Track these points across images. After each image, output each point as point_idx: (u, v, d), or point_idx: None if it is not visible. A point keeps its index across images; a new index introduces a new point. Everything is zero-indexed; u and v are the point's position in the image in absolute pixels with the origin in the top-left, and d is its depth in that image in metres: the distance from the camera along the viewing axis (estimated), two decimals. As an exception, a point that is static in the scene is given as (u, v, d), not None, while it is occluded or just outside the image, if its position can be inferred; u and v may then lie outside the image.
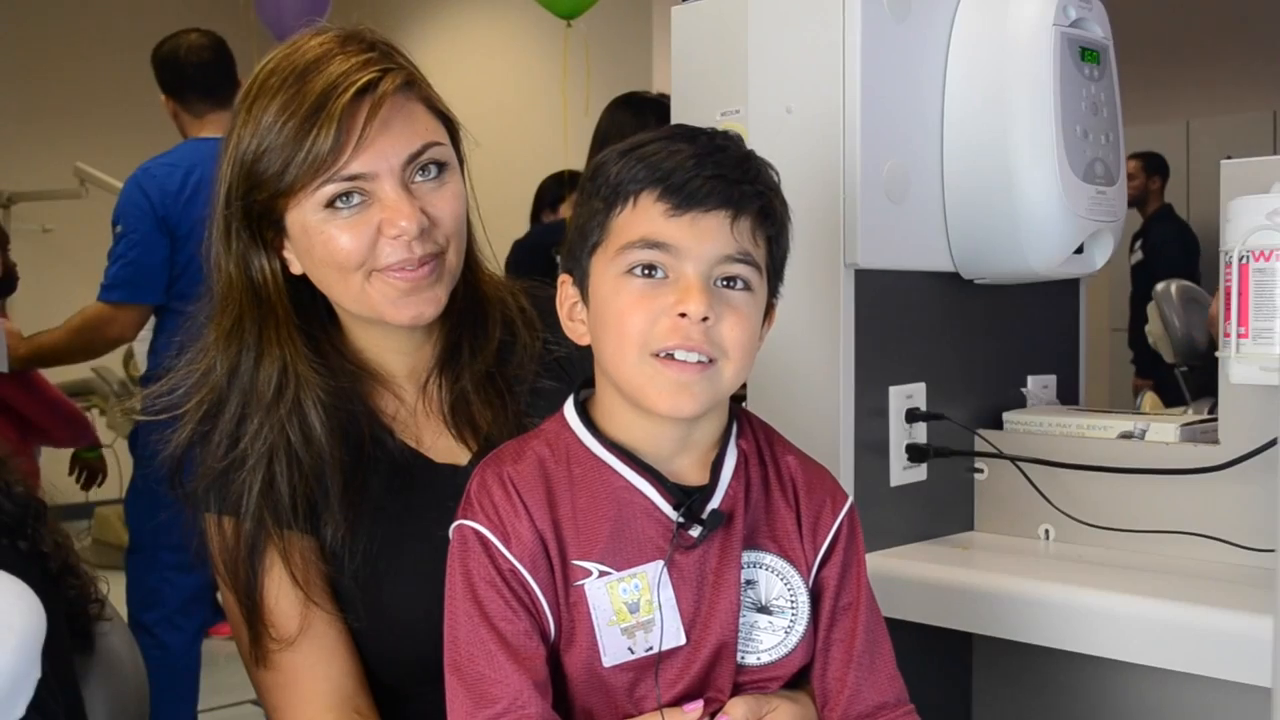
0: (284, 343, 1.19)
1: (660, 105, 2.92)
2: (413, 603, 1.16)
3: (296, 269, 1.20)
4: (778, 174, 1.06)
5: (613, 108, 2.93)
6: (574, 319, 1.08)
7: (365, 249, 1.15)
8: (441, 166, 1.19)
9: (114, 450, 5.64)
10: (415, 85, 1.19)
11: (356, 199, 1.15)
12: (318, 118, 1.12)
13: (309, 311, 1.23)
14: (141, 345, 3.50)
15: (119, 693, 1.62)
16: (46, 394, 3.37)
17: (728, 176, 1.00)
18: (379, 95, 1.14)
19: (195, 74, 3.04)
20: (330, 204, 1.15)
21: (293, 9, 4.34)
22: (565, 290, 1.08)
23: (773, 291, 1.08)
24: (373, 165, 1.14)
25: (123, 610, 2.28)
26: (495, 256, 1.35)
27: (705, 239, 0.99)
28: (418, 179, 1.17)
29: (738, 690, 1.05)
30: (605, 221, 1.02)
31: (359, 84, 1.13)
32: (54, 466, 3.72)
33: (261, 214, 1.18)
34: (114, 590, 1.67)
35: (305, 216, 1.16)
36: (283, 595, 1.18)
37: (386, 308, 1.18)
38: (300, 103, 1.13)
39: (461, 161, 1.24)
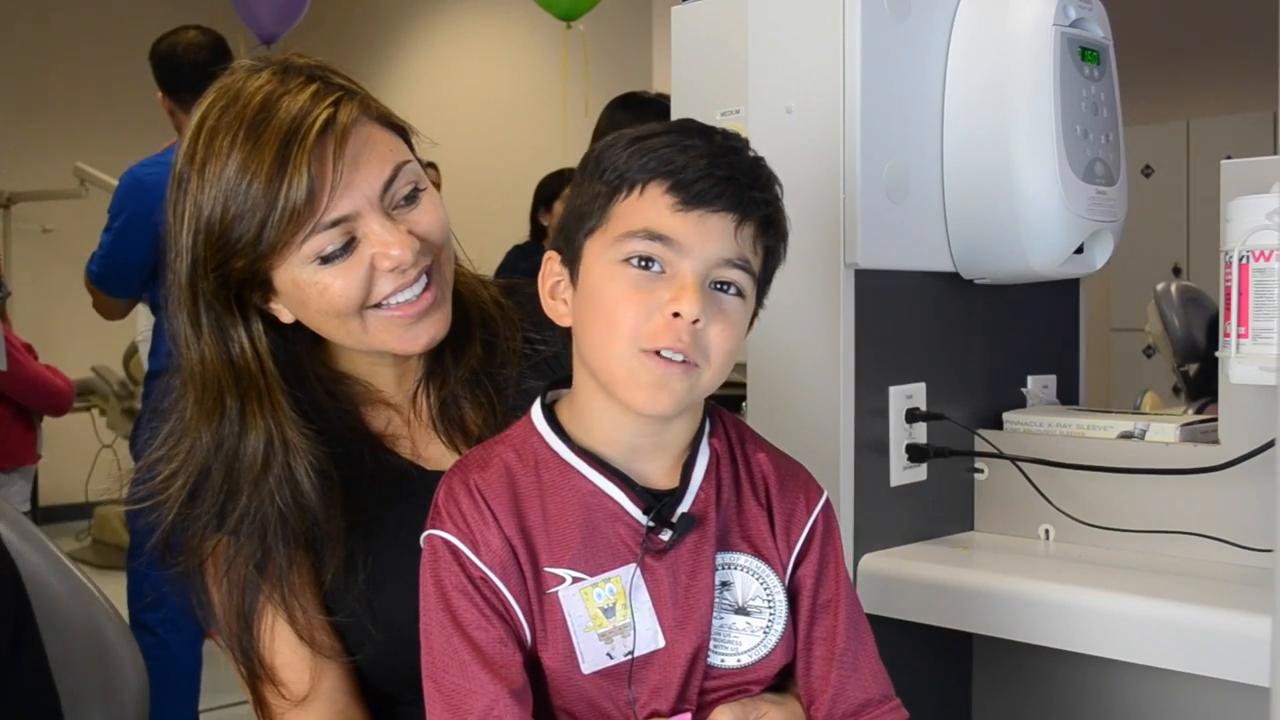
0: (268, 412, 1.15)
1: (660, 105, 2.92)
2: (407, 611, 1.16)
3: (287, 318, 1.17)
4: (781, 187, 1.05)
5: (612, 107, 2.93)
6: (556, 297, 1.06)
7: (361, 289, 1.13)
8: (415, 183, 1.16)
9: (114, 450, 5.65)
10: (369, 107, 1.15)
11: (345, 245, 1.11)
12: (285, 170, 1.07)
13: (294, 350, 1.19)
14: (144, 345, 3.52)
15: (119, 693, 1.62)
16: (24, 372, 3.42)
17: (739, 180, 0.99)
18: (340, 130, 1.09)
19: (191, 73, 3.03)
20: (323, 259, 1.11)
21: (268, 8, 4.32)
22: (551, 267, 1.06)
23: (758, 300, 1.07)
24: (352, 205, 1.11)
25: (123, 610, 2.28)
26: (472, 255, 1.33)
27: (709, 239, 0.98)
28: (396, 203, 1.14)
29: (719, 694, 1.04)
30: (607, 206, 1.01)
31: (318, 124, 1.08)
32: (57, 470, 3.75)
33: (243, 280, 1.13)
34: (115, 590, 1.67)
35: (294, 272, 1.12)
36: (289, 653, 1.17)
37: (395, 342, 1.16)
38: (261, 157, 1.07)
39: (421, 163, 1.21)
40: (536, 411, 1.07)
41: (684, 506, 1.03)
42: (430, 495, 1.07)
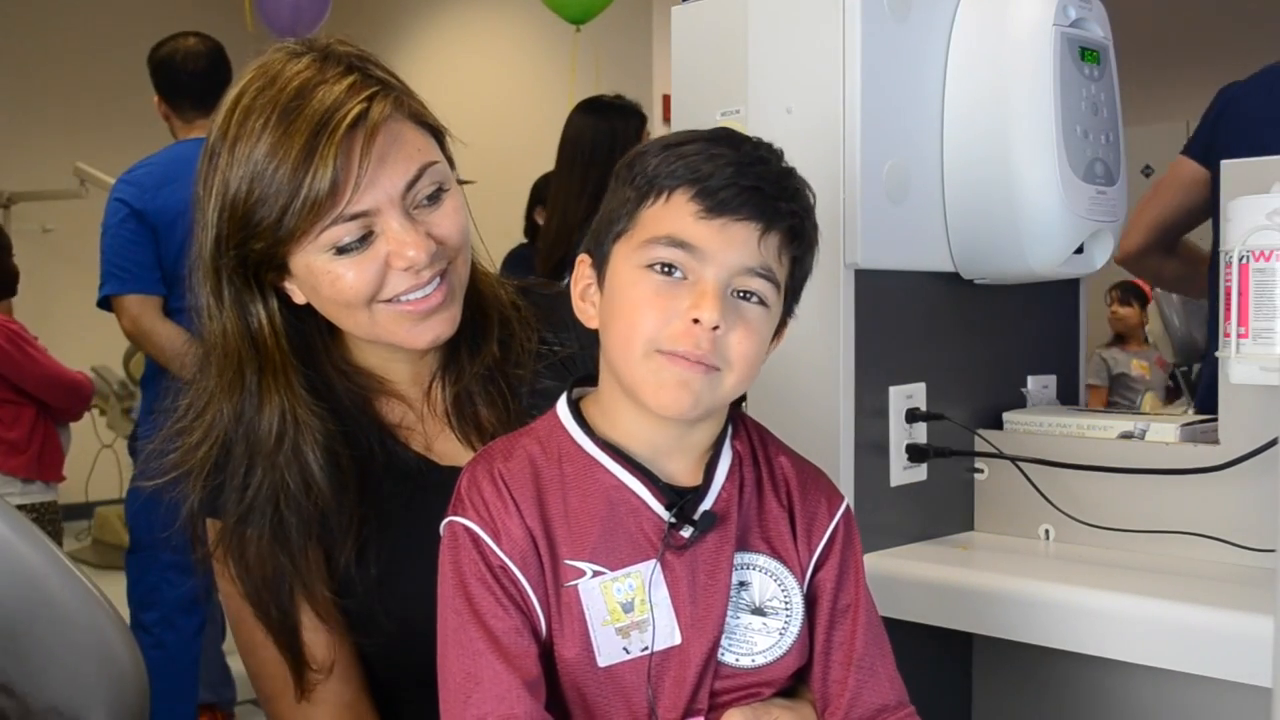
0: (282, 388, 1.17)
1: (621, 106, 2.95)
2: (417, 606, 1.16)
3: (300, 299, 1.18)
4: (814, 195, 1.06)
5: (576, 113, 2.96)
6: (586, 299, 1.07)
7: (373, 284, 1.13)
8: (440, 184, 1.16)
9: (114, 450, 5.65)
10: (403, 104, 1.15)
11: (362, 238, 1.12)
12: (312, 160, 1.08)
13: (309, 333, 1.21)
14: None
15: (120, 692, 1.62)
16: (39, 362, 3.39)
17: (765, 190, 1.00)
18: (370, 126, 1.10)
19: (188, 81, 3.04)
20: (338, 250, 1.12)
21: (292, 8, 4.35)
22: (582, 270, 1.07)
23: (788, 310, 1.07)
24: (374, 201, 1.11)
25: (123, 610, 2.28)
26: (490, 255, 1.33)
27: (731, 247, 0.98)
28: (418, 203, 1.14)
29: (732, 695, 1.04)
30: (635, 211, 1.01)
31: (349, 118, 1.09)
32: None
33: (261, 260, 1.14)
34: (115, 590, 1.67)
35: (309, 259, 1.13)
36: (311, 630, 1.19)
37: (402, 335, 1.17)
38: (290, 143, 1.08)
39: (451, 163, 1.21)
40: (562, 406, 1.08)
41: (706, 504, 1.03)
42: (442, 491, 1.07)
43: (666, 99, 2.07)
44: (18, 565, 1.45)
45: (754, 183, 0.99)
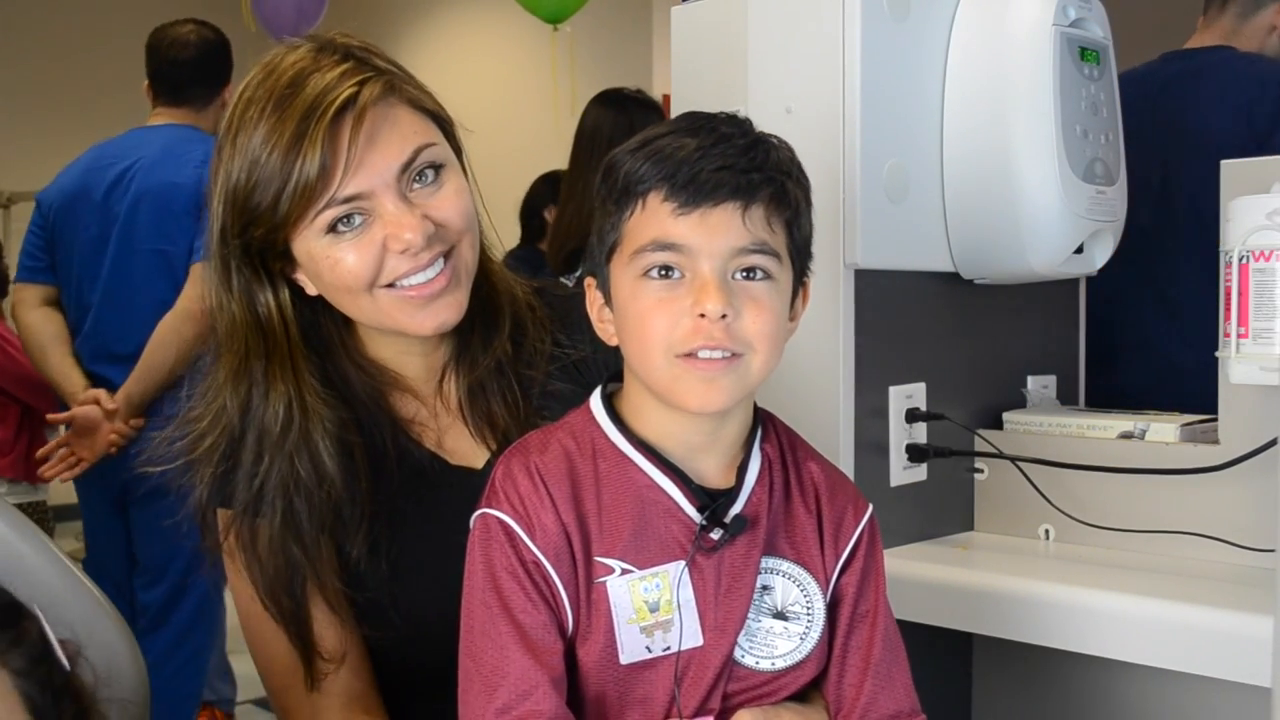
0: (289, 377, 1.17)
1: (639, 101, 2.92)
2: (427, 603, 1.16)
3: (312, 291, 1.18)
4: (791, 151, 1.04)
5: (594, 105, 2.93)
6: (603, 320, 1.07)
7: (372, 268, 1.13)
8: (438, 167, 1.16)
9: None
10: (397, 89, 1.15)
11: (358, 219, 1.12)
12: (301, 144, 1.09)
13: (323, 326, 1.21)
14: None
15: (120, 691, 1.62)
16: (19, 362, 3.37)
17: (735, 166, 0.98)
18: (360, 109, 1.10)
19: (166, 69, 2.99)
20: (331, 228, 1.12)
21: (288, 9, 4.35)
22: (591, 294, 1.08)
23: (802, 271, 1.06)
24: (367, 184, 1.11)
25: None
26: (501, 242, 1.32)
27: (717, 234, 0.97)
28: (415, 186, 1.14)
29: (745, 697, 1.04)
30: (618, 224, 1.01)
31: (338, 101, 1.10)
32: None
33: (264, 247, 1.15)
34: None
35: (309, 244, 1.14)
36: (324, 621, 1.19)
37: (406, 321, 1.17)
38: (282, 129, 1.10)
39: (459, 152, 1.21)
40: (596, 402, 1.08)
41: (737, 507, 1.03)
42: (453, 491, 1.07)
43: (667, 99, 2.07)
44: (18, 564, 1.45)
45: (720, 163, 0.98)
